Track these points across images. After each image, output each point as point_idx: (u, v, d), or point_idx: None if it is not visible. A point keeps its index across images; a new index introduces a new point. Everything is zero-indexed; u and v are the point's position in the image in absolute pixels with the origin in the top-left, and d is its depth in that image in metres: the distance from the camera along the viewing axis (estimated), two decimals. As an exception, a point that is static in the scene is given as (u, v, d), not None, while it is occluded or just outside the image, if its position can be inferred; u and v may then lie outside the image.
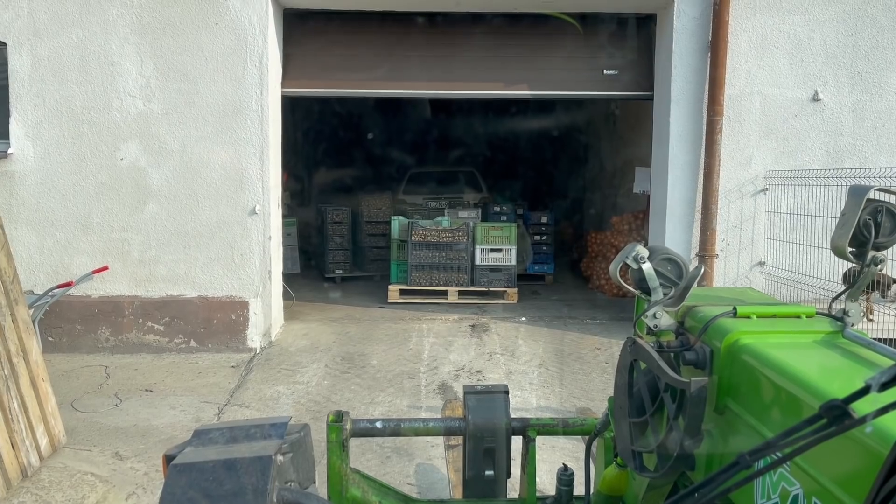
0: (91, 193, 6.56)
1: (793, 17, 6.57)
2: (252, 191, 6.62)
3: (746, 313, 1.87)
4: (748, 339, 1.73)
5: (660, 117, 7.01)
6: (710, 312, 1.90)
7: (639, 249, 1.91)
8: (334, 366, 6.22)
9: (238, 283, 6.70)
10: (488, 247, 8.62)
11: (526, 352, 6.58)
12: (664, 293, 1.93)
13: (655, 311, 1.94)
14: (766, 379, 1.60)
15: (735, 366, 1.72)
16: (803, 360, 1.61)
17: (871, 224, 1.69)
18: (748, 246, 6.82)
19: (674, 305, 1.95)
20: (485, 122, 16.49)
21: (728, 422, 1.77)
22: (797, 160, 6.69)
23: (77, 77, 6.45)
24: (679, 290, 1.94)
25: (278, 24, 6.84)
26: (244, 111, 6.54)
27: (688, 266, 1.97)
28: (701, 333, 1.84)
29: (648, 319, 1.95)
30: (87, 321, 6.60)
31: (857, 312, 1.81)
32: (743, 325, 1.80)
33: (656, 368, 1.78)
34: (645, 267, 1.91)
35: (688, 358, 1.83)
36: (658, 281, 1.92)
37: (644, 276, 1.92)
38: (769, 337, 1.75)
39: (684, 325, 1.99)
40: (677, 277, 1.94)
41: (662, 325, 1.97)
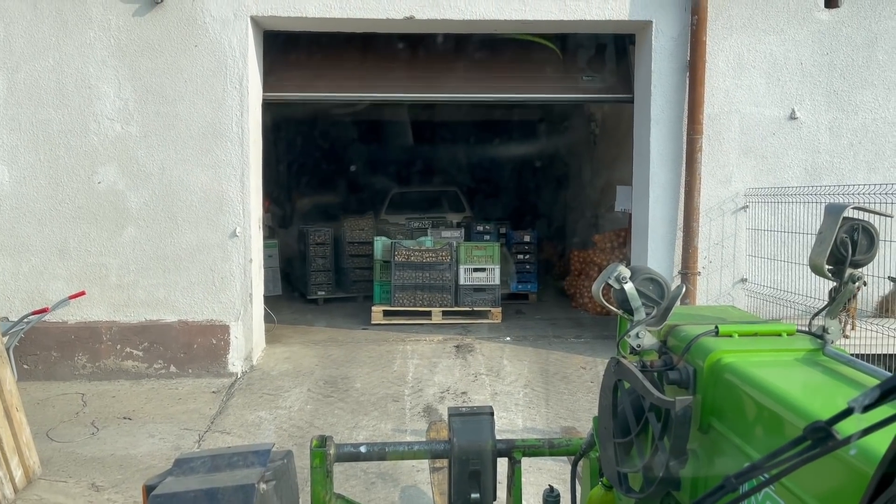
0: (68, 218, 6.46)
1: (769, 37, 6.66)
2: (232, 213, 6.55)
3: (728, 332, 1.89)
4: (730, 357, 1.74)
5: (640, 136, 7.05)
6: (692, 331, 1.92)
7: (621, 270, 1.92)
8: (317, 390, 6.13)
9: (219, 307, 6.61)
10: (472, 266, 8.60)
11: (511, 372, 6.54)
12: (646, 313, 1.94)
13: (638, 330, 1.95)
14: (749, 398, 1.61)
15: (718, 385, 1.73)
16: (785, 379, 1.63)
17: (847, 242, 1.71)
18: (730, 263, 6.84)
19: (656, 325, 1.95)
20: (467, 144, 16.56)
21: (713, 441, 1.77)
22: (776, 178, 6.75)
23: (54, 100, 6.38)
24: (661, 310, 1.95)
25: (258, 46, 6.82)
26: (224, 133, 6.49)
27: (669, 285, 1.98)
28: (684, 353, 1.86)
29: (631, 339, 1.96)
30: (63, 348, 6.47)
31: (836, 330, 1.82)
32: (725, 344, 1.81)
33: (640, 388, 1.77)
34: (627, 287, 1.92)
35: (671, 377, 1.84)
36: (640, 301, 1.93)
37: (626, 296, 1.92)
38: (751, 355, 1.76)
39: (667, 344, 2.00)
40: (659, 297, 1.96)
41: (645, 344, 1.97)
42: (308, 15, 6.47)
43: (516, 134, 16.42)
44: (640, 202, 7.04)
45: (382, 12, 6.50)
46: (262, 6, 6.43)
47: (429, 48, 7.43)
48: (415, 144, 16.95)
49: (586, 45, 7.74)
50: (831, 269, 1.74)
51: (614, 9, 6.58)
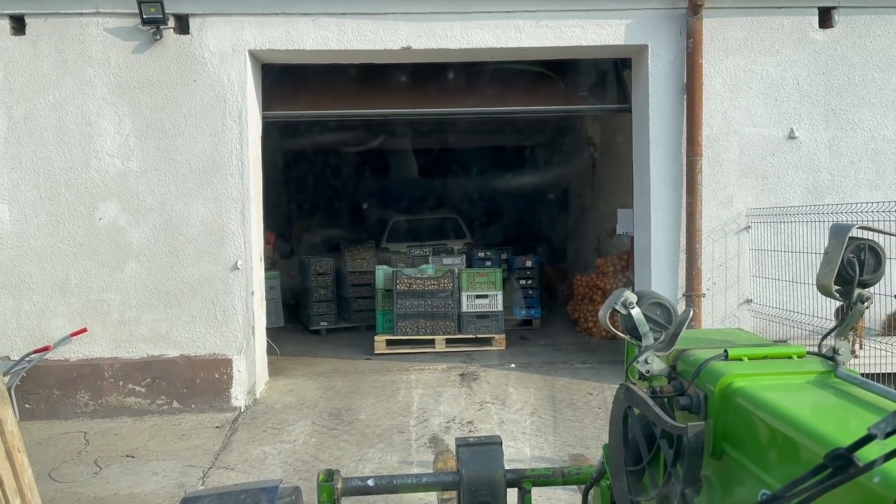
0: (69, 255, 6.45)
1: (765, 58, 6.69)
2: (234, 246, 6.54)
3: (738, 355, 1.86)
4: (741, 381, 1.72)
5: (640, 159, 7.06)
6: (701, 356, 1.89)
7: (627, 295, 1.90)
8: (321, 422, 6.06)
9: (221, 341, 6.57)
10: (474, 293, 8.56)
11: (517, 400, 6.47)
12: (654, 338, 1.93)
13: (647, 356, 1.93)
14: (762, 422, 1.59)
15: (730, 410, 1.71)
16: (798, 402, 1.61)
17: (855, 262, 1.70)
18: (734, 284, 6.81)
19: (665, 350, 1.94)
20: (467, 171, 16.62)
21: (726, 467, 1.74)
22: (777, 197, 6.74)
23: (54, 138, 6.40)
24: (669, 335, 1.93)
25: (257, 79, 6.86)
26: (224, 167, 6.50)
27: (677, 310, 1.96)
28: (694, 378, 1.83)
29: (640, 365, 1.94)
30: (65, 386, 6.42)
31: (847, 351, 1.80)
32: (735, 368, 1.79)
33: (651, 415, 1.76)
34: (634, 312, 1.90)
35: (682, 403, 1.81)
36: (648, 326, 1.92)
37: (634, 322, 1.91)
38: (762, 379, 1.74)
39: (676, 369, 1.98)
40: (667, 321, 1.94)
41: (654, 370, 1.95)
42: (305, 48, 6.52)
43: (516, 160, 16.49)
44: (642, 225, 7.02)
45: (380, 43, 6.55)
46: (260, 40, 6.48)
47: (429, 71, 7.49)
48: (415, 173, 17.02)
49: (586, 72, 7.81)
50: (839, 290, 1.72)
51: (610, 34, 6.63)
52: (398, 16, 6.52)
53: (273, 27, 6.47)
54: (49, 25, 6.36)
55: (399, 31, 6.53)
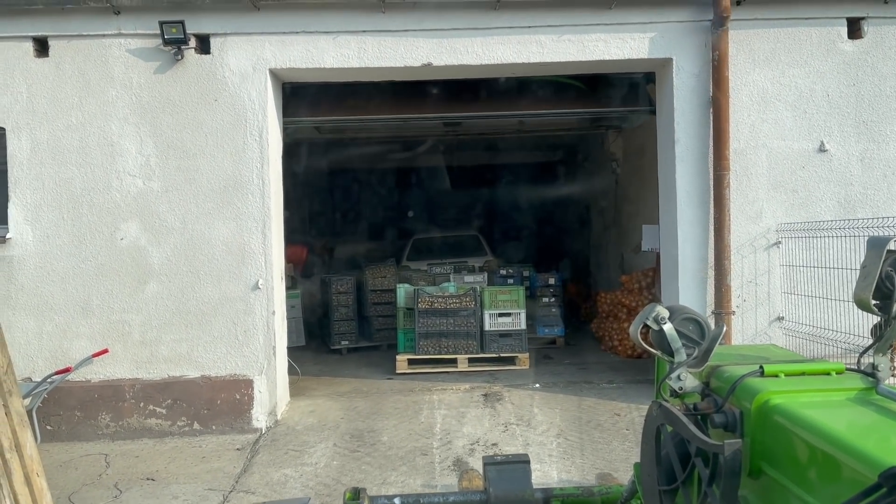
0: (91, 275, 6.43)
1: (793, 70, 6.55)
2: (254, 265, 6.49)
3: (774, 372, 1.83)
4: (779, 398, 1.69)
5: (665, 174, 6.93)
6: (736, 372, 1.85)
7: (659, 310, 1.88)
8: (343, 444, 5.96)
9: (242, 361, 6.50)
10: (497, 311, 8.44)
11: (542, 421, 6.32)
12: (687, 354, 1.89)
13: (679, 372, 1.89)
14: (802, 440, 1.55)
15: (767, 427, 1.68)
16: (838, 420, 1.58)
17: (893, 275, 1.66)
18: (765, 301, 6.63)
19: (698, 366, 1.90)
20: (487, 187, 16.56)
21: (764, 486, 1.68)
22: (808, 212, 6.57)
23: (76, 159, 6.41)
24: (702, 351, 1.89)
25: (277, 97, 6.84)
26: (245, 186, 6.47)
27: (709, 325, 1.92)
28: (729, 394, 1.79)
29: (673, 381, 1.90)
30: (86, 407, 6.38)
31: (886, 367, 1.75)
32: (772, 385, 1.75)
33: (686, 433, 1.72)
34: (666, 328, 1.87)
35: (717, 420, 1.78)
36: (680, 342, 1.88)
37: (666, 338, 1.88)
38: (800, 396, 1.71)
39: (710, 385, 1.94)
40: (699, 337, 1.90)
41: (688, 386, 1.91)
42: (326, 66, 6.49)
43: (536, 176, 16.41)
44: (669, 241, 6.87)
45: (400, 60, 6.51)
46: (281, 59, 6.46)
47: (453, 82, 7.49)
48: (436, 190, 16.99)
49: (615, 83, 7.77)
50: (877, 304, 1.69)
51: (633, 48, 6.53)
52: (418, 32, 6.48)
53: (293, 46, 6.45)
54: (72, 47, 6.39)
55: (419, 47, 6.49)
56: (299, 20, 6.43)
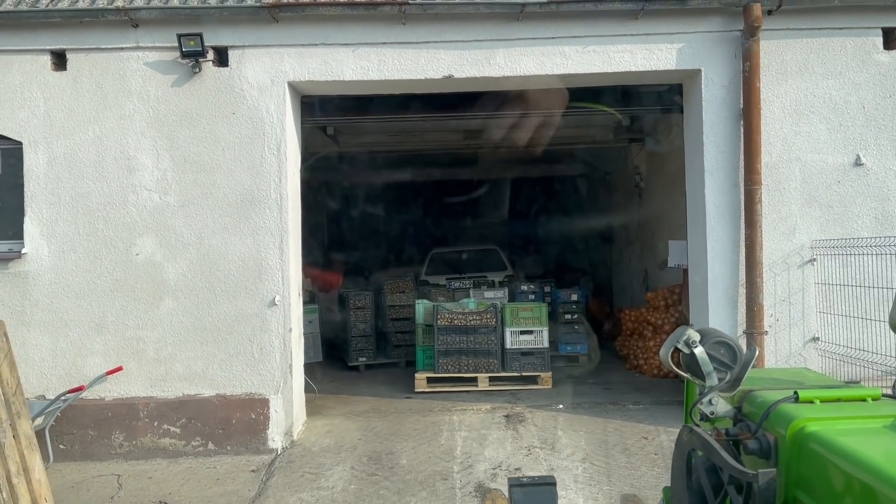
0: (106, 291, 6.32)
1: (827, 81, 6.33)
2: (271, 281, 6.35)
3: (809, 398, 1.78)
4: (814, 425, 1.64)
5: (694, 189, 6.71)
6: (769, 397, 1.80)
7: (690, 333, 1.85)
8: (360, 467, 5.77)
9: (258, 380, 6.35)
10: (518, 329, 8.22)
11: (567, 444, 6.10)
12: (719, 378, 1.85)
13: (711, 397, 1.85)
14: (838, 469, 1.51)
15: (802, 455, 1.63)
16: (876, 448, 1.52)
17: None
18: (799, 321, 6.37)
19: (730, 390, 1.86)
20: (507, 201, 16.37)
21: None
22: (844, 228, 6.32)
23: (93, 173, 6.33)
24: (734, 375, 1.85)
25: (296, 111, 6.73)
26: (262, 200, 6.34)
27: (741, 348, 1.88)
28: (762, 420, 1.75)
29: (704, 406, 1.86)
30: (100, 426, 6.25)
31: None
32: (807, 411, 1.71)
33: (718, 459, 1.68)
34: (697, 351, 1.84)
35: (750, 447, 1.73)
36: (712, 365, 1.84)
37: (697, 361, 1.84)
38: (836, 423, 1.66)
39: (742, 411, 1.89)
40: (731, 361, 1.86)
41: (719, 411, 1.87)
42: (345, 78, 6.37)
43: (557, 190, 16.21)
44: (698, 258, 6.65)
45: (420, 72, 6.37)
46: (300, 71, 6.35)
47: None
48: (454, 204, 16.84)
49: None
50: None
51: (661, 59, 6.35)
52: (439, 44, 6.34)
53: (312, 58, 6.34)
54: (90, 61, 6.32)
55: (440, 59, 6.34)
56: (318, 32, 6.32)
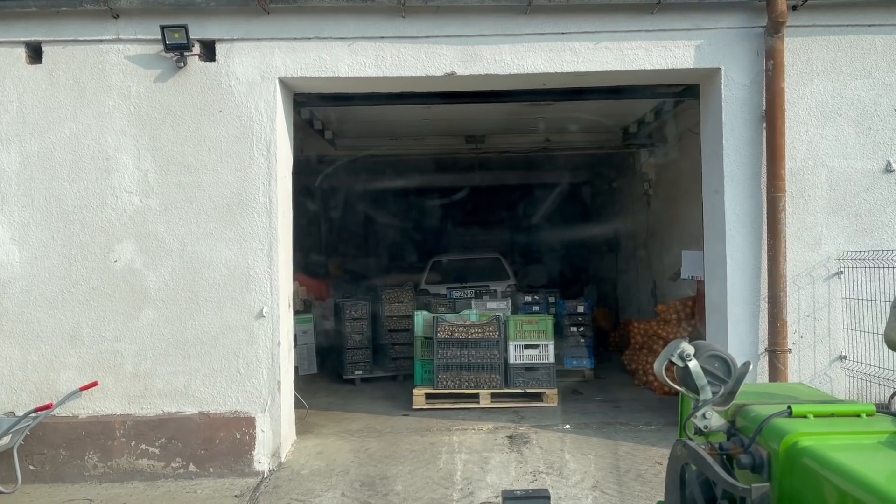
0: (81, 300, 5.90)
1: (856, 82, 5.91)
2: (259, 291, 5.92)
3: (803, 412, 1.78)
4: (808, 440, 1.65)
5: (711, 196, 6.29)
6: (763, 412, 1.81)
7: (684, 346, 1.85)
8: (352, 493, 5.33)
9: (244, 397, 5.92)
10: (522, 343, 7.79)
11: (575, 469, 5.65)
12: (713, 391, 1.85)
13: (705, 411, 1.85)
14: (831, 484, 1.50)
15: (795, 470, 1.63)
16: (869, 464, 1.52)
17: None
18: (824, 338, 5.94)
19: (724, 404, 1.85)
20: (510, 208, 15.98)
21: None
22: (874, 239, 5.90)
23: (69, 174, 5.91)
24: (728, 389, 1.85)
25: (288, 109, 6.31)
26: (250, 204, 5.92)
27: (735, 363, 1.87)
28: (756, 435, 1.74)
29: (698, 420, 1.86)
30: (72, 445, 5.81)
31: None
32: (800, 426, 1.71)
33: (711, 473, 1.68)
34: (691, 365, 1.83)
35: (744, 462, 1.73)
36: (706, 379, 1.84)
37: (691, 375, 1.83)
38: (830, 438, 1.66)
39: (736, 425, 1.89)
40: (725, 375, 1.86)
41: (713, 425, 1.87)
42: (340, 75, 5.96)
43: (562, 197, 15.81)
44: (715, 270, 6.22)
45: (421, 69, 5.96)
46: (292, 67, 5.94)
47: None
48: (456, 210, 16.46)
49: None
50: None
51: (678, 56, 5.94)
52: (441, 39, 5.93)
53: (305, 53, 5.93)
54: (67, 53, 5.91)
55: (442, 55, 5.93)
56: (312, 25, 5.92)
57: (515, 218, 16.45)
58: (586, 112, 9.00)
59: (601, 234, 13.74)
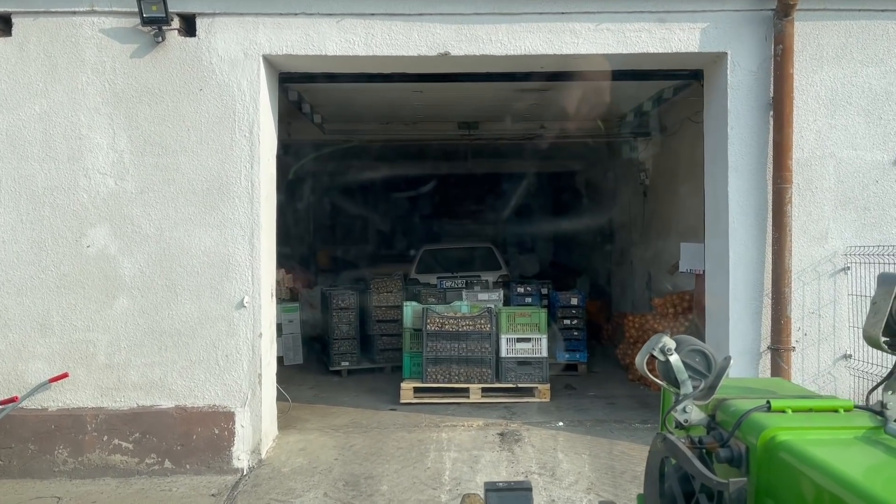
0: (51, 287, 5.59)
1: (867, 70, 5.66)
2: (240, 280, 5.64)
3: (781, 407, 1.81)
4: (785, 435, 1.67)
5: (714, 187, 6.04)
6: (742, 406, 1.84)
7: (665, 340, 1.87)
8: (335, 494, 5.07)
9: (223, 390, 5.65)
10: (515, 336, 7.53)
11: (569, 470, 5.42)
12: (693, 386, 1.87)
13: (685, 405, 1.87)
14: (808, 479, 1.54)
15: (773, 464, 1.66)
16: (846, 459, 1.56)
17: None
18: (829, 336, 5.71)
19: (704, 399, 1.88)
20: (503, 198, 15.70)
21: None
22: (882, 233, 5.67)
23: (40, 153, 5.59)
24: (709, 383, 1.88)
25: (272, 89, 6.01)
26: (231, 188, 5.63)
27: (716, 358, 1.90)
28: (734, 429, 1.78)
29: (678, 414, 1.88)
30: (41, 440, 5.53)
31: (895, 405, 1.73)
32: (779, 421, 1.74)
33: (690, 467, 1.71)
34: (673, 359, 1.85)
35: (722, 455, 1.77)
36: (687, 373, 1.86)
37: (672, 369, 1.85)
38: (807, 433, 1.69)
39: (716, 419, 1.92)
40: (706, 369, 1.89)
41: (693, 419, 1.90)
42: (328, 53, 5.65)
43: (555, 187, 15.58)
44: (718, 263, 5.98)
45: (413, 48, 5.66)
46: (276, 44, 5.63)
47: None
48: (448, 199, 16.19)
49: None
50: (887, 341, 1.69)
51: (682, 40, 5.66)
52: (434, 17, 5.63)
53: (291, 29, 5.62)
54: (38, 26, 5.57)
55: (436, 34, 5.64)
56: (298, 0, 5.60)
57: (508, 207, 16.19)
58: (583, 99, 8.71)
59: (595, 224, 13.50)
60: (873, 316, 1.69)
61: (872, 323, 1.69)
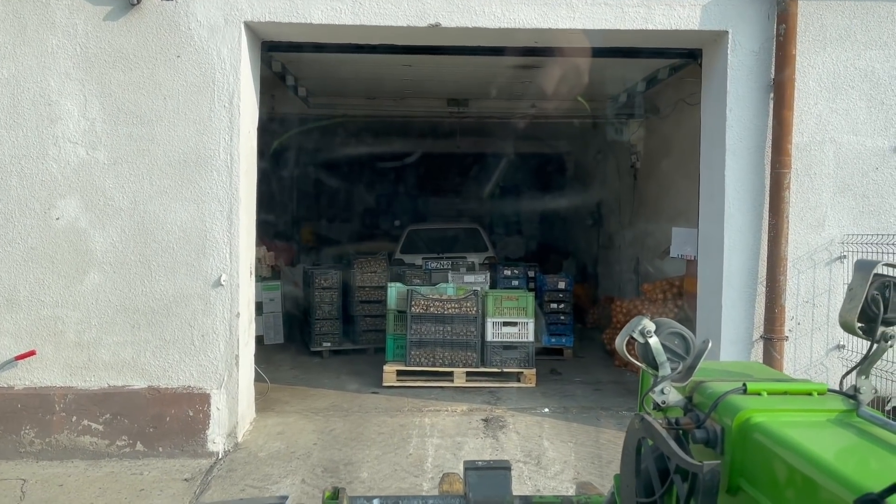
0: (18, 261, 5.34)
1: (870, 52, 5.49)
2: (218, 257, 5.41)
3: (757, 390, 1.84)
4: (760, 417, 1.70)
5: (711, 171, 5.86)
6: (719, 389, 1.88)
7: (645, 323, 1.88)
8: (313, 480, 4.90)
9: (198, 371, 5.44)
10: (501, 320, 7.36)
11: (555, 459, 5.28)
12: (672, 368, 1.89)
13: (663, 386, 1.90)
14: (781, 460, 1.57)
15: (747, 445, 1.69)
16: (818, 441, 1.59)
17: (879, 299, 1.69)
18: (823, 326, 5.59)
19: (682, 381, 1.90)
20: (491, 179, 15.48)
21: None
22: (880, 221, 5.53)
23: (6, 119, 5.30)
24: (687, 365, 1.90)
25: (254, 58, 5.74)
26: (210, 161, 5.38)
27: (695, 340, 1.92)
28: (711, 411, 1.81)
29: (656, 395, 1.91)
30: (7, 419, 5.30)
31: (868, 389, 1.77)
32: (754, 403, 1.77)
33: (666, 448, 1.73)
34: (652, 341, 1.87)
35: (698, 436, 1.79)
36: (665, 356, 1.88)
37: (651, 351, 1.88)
38: (781, 415, 1.72)
39: (693, 401, 1.96)
40: (685, 352, 1.91)
41: (670, 401, 1.93)
42: (313, 21, 5.39)
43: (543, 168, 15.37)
44: (711, 249, 5.82)
45: (403, 19, 5.41)
46: (259, 10, 5.36)
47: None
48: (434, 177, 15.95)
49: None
50: (862, 327, 1.72)
51: (682, 17, 5.45)
52: (426, -14, 5.38)
53: (275, -5, 5.35)
54: (5, -16, 5.27)
55: (427, 3, 5.39)
56: (283, -36, 5.33)
57: (496, 188, 15.98)
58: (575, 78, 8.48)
59: (583, 206, 13.33)
60: (849, 302, 1.70)
61: (848, 308, 1.70)
